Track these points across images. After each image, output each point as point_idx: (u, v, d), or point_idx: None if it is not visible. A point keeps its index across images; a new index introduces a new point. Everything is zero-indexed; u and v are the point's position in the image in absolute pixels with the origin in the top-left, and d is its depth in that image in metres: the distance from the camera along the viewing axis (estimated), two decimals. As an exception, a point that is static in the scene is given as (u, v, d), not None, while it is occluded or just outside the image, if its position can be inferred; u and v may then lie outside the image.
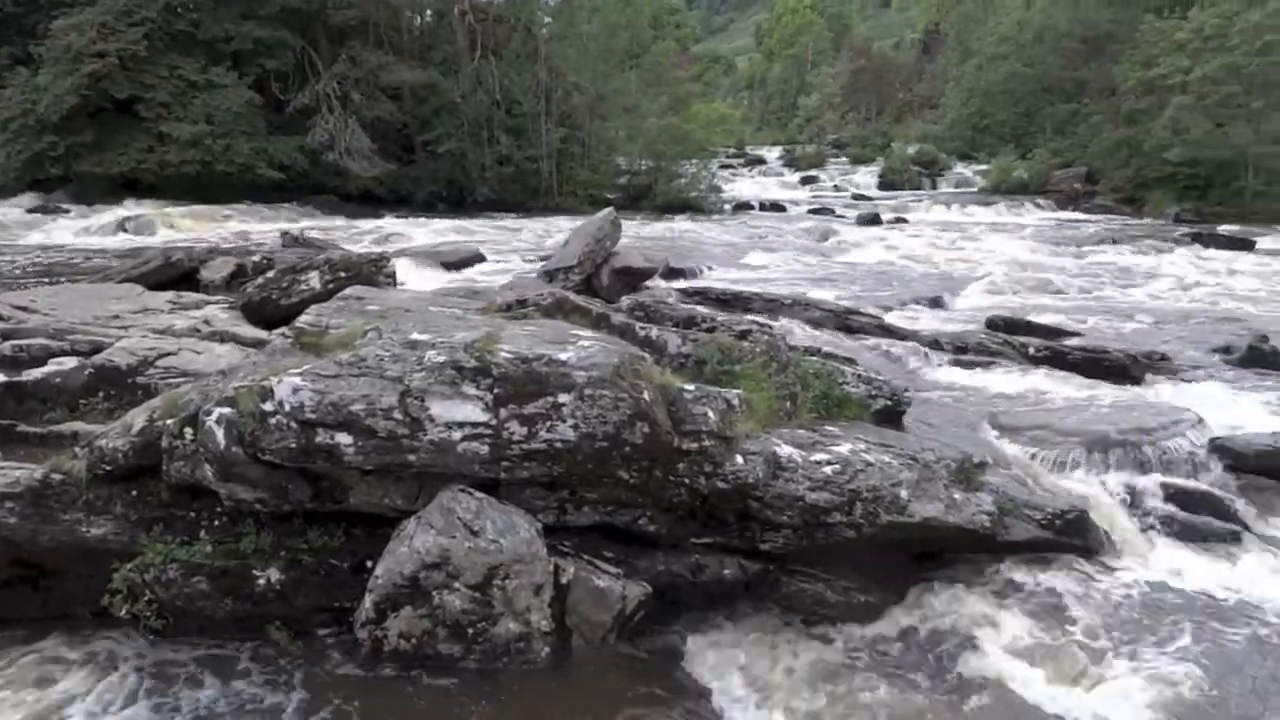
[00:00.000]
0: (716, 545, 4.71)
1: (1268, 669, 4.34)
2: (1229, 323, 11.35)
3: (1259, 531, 5.60)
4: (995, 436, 6.47)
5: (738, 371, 5.63)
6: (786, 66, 68.22)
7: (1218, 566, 5.24)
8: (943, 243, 19.58)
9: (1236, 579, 5.14)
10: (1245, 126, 26.59)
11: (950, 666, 4.43)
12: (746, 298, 10.25)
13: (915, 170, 37.87)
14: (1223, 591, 5.02)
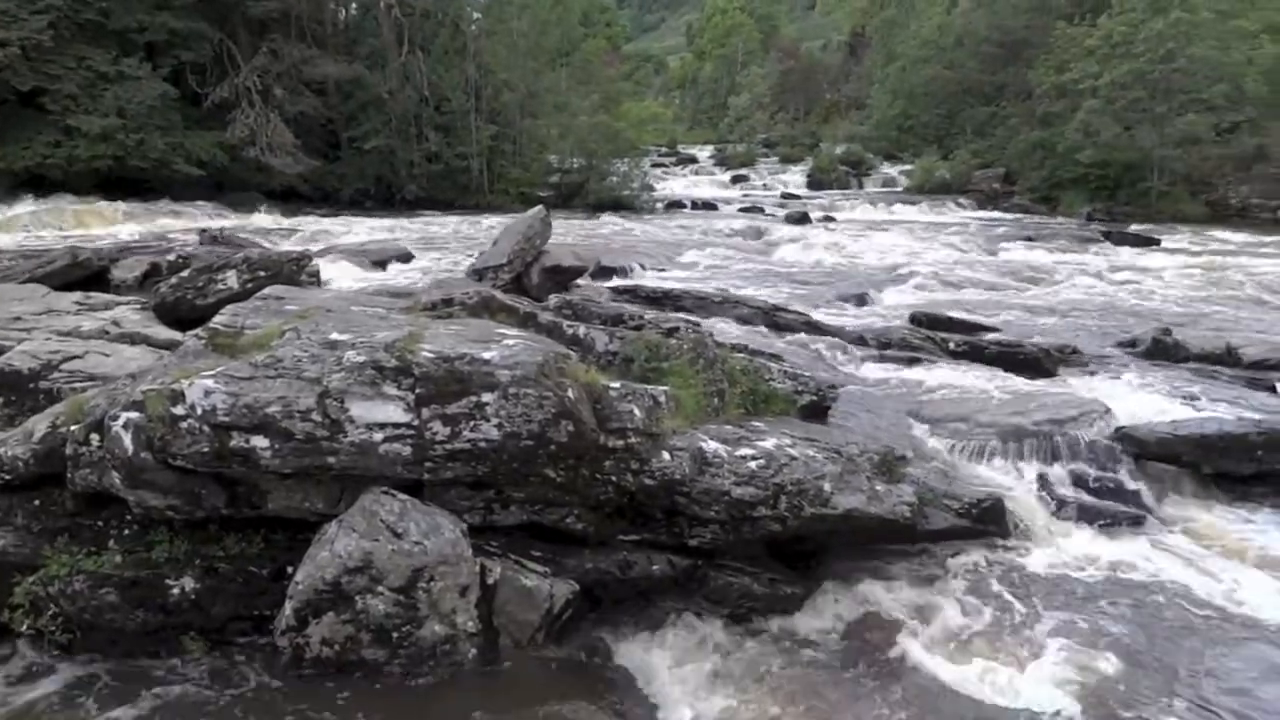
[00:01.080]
0: (645, 542, 4.74)
1: (1170, 643, 4.56)
2: (1135, 317, 11.87)
3: (1160, 514, 5.88)
4: (917, 429, 6.64)
5: (665, 368, 5.67)
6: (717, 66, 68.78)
7: (1123, 548, 5.48)
8: (869, 241, 20.00)
9: (1140, 560, 5.38)
10: (1150, 130, 27.85)
11: (872, 653, 4.54)
12: (676, 295, 10.30)
13: (843, 170, 38.58)
14: (1128, 572, 5.26)
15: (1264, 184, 27.72)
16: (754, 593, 4.82)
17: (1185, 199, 27.84)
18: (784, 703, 4.17)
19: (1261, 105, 28.45)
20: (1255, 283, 15.12)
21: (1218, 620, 4.79)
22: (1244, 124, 28.40)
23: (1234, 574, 5.26)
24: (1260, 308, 13.24)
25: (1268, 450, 6.04)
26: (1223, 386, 8.26)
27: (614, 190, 29.99)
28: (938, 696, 4.14)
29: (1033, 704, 4.07)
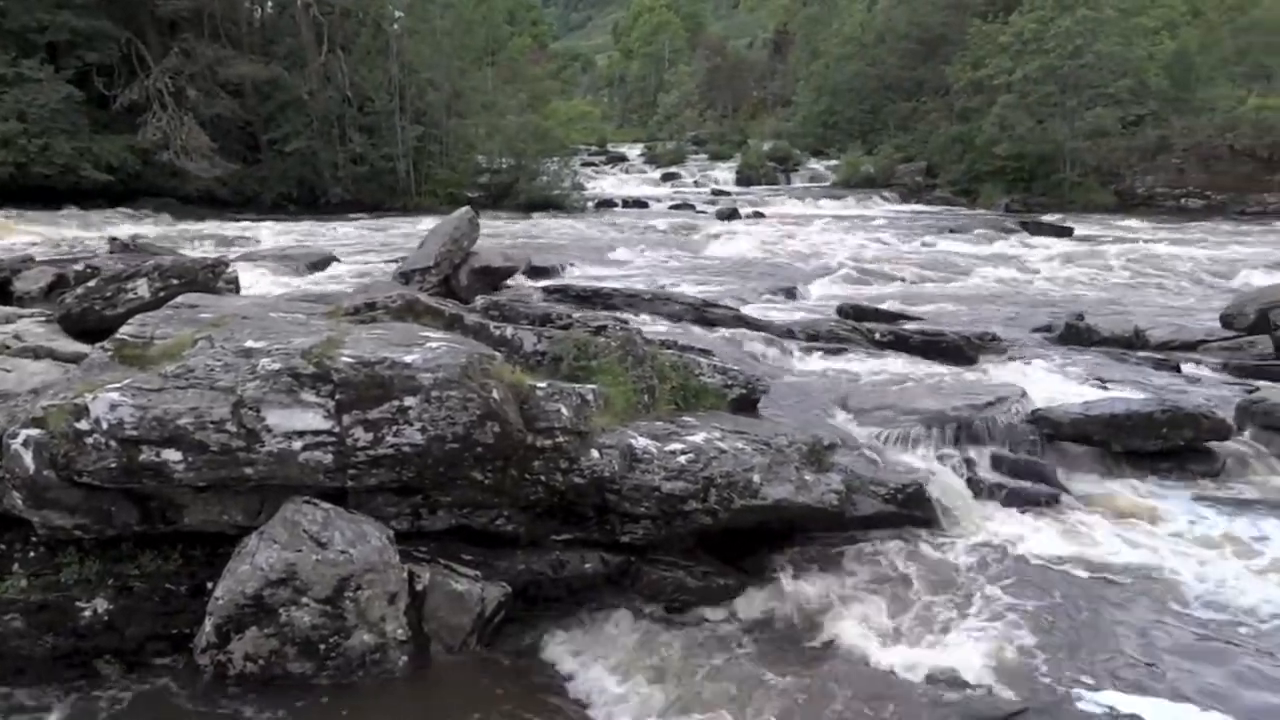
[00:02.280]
0: (577, 540, 4.73)
1: (1087, 618, 4.73)
2: (1050, 304, 12.33)
3: (1075, 492, 6.11)
4: (845, 418, 6.76)
5: (594, 367, 5.67)
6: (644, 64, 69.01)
7: (1041, 526, 5.67)
8: (797, 235, 20.33)
9: (1058, 537, 5.57)
10: (1061, 123, 28.97)
11: (804, 640, 4.61)
12: (607, 294, 10.29)
13: (771, 166, 39.13)
14: (1047, 550, 5.42)
15: (1167, 174, 29.09)
16: (688, 586, 4.85)
17: (1096, 189, 29.04)
18: (718, 694, 4.21)
19: (1163, 99, 29.86)
20: (1160, 268, 15.85)
21: (1131, 590, 5.00)
22: (1147, 117, 29.78)
23: (1144, 545, 5.49)
24: (1165, 292, 13.88)
25: (1171, 427, 6.32)
26: (1131, 368, 8.63)
27: (544, 190, 29.85)
28: (868, 680, 4.23)
29: (959, 679, 4.18)
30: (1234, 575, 5.13)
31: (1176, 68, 30.19)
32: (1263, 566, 5.24)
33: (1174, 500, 6.08)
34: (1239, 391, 7.60)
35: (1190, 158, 28.70)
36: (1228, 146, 28.01)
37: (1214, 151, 28.24)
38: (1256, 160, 27.68)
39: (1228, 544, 5.52)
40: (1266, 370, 8.59)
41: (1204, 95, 30.27)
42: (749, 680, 4.21)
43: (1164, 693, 4.05)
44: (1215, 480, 6.32)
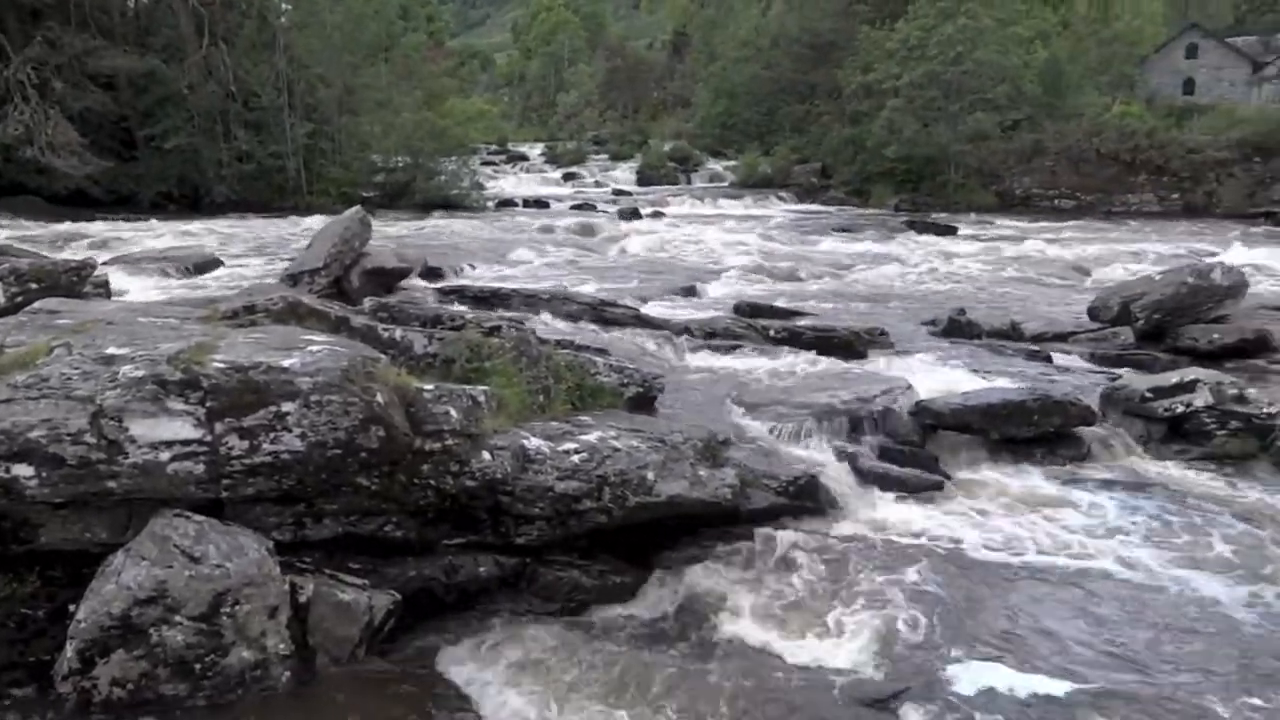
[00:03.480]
0: (471, 544, 4.66)
1: (967, 598, 4.94)
2: (935, 299, 12.84)
3: (956, 479, 6.39)
4: (740, 414, 6.88)
5: (488, 368, 5.60)
6: (544, 64, 68.60)
7: (925, 513, 5.90)
8: (697, 234, 20.57)
9: (941, 522, 5.82)
10: (945, 127, 30.24)
11: (700, 633, 4.67)
12: (505, 294, 10.19)
13: (672, 166, 39.49)
14: (931, 535, 5.66)
15: (1042, 175, 30.74)
16: (584, 585, 4.84)
17: (978, 190, 30.44)
18: (615, 691, 4.21)
19: (1037, 105, 31.55)
20: (1035, 264, 16.75)
21: (1007, 569, 5.26)
22: (1023, 122, 31.39)
23: (1019, 527, 5.79)
24: (1039, 286, 14.66)
25: (1042, 415, 6.68)
26: (1008, 359, 9.09)
27: (443, 189, 29.28)
28: (759, 669, 4.31)
29: (848, 664, 4.31)
30: (1100, 552, 5.46)
31: (1048, 75, 31.97)
32: (1125, 542, 5.60)
33: (1046, 483, 6.44)
34: (1103, 380, 8.09)
35: (1062, 161, 30.43)
36: (1095, 150, 29.82)
37: (1083, 155, 30.01)
38: (1120, 163, 29.56)
39: (1094, 523, 5.87)
40: (1128, 359, 9.19)
41: (1074, 102, 32.15)
42: (643, 676, 4.24)
43: (1035, 666, 4.28)
44: (1082, 463, 6.72)
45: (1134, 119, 30.62)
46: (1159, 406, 6.99)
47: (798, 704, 3.99)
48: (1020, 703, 4.02)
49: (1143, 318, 9.89)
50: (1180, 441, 6.96)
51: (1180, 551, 5.43)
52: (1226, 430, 6.83)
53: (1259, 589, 4.99)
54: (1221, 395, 6.92)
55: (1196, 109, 32.95)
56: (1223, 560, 5.32)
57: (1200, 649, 4.40)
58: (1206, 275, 9.98)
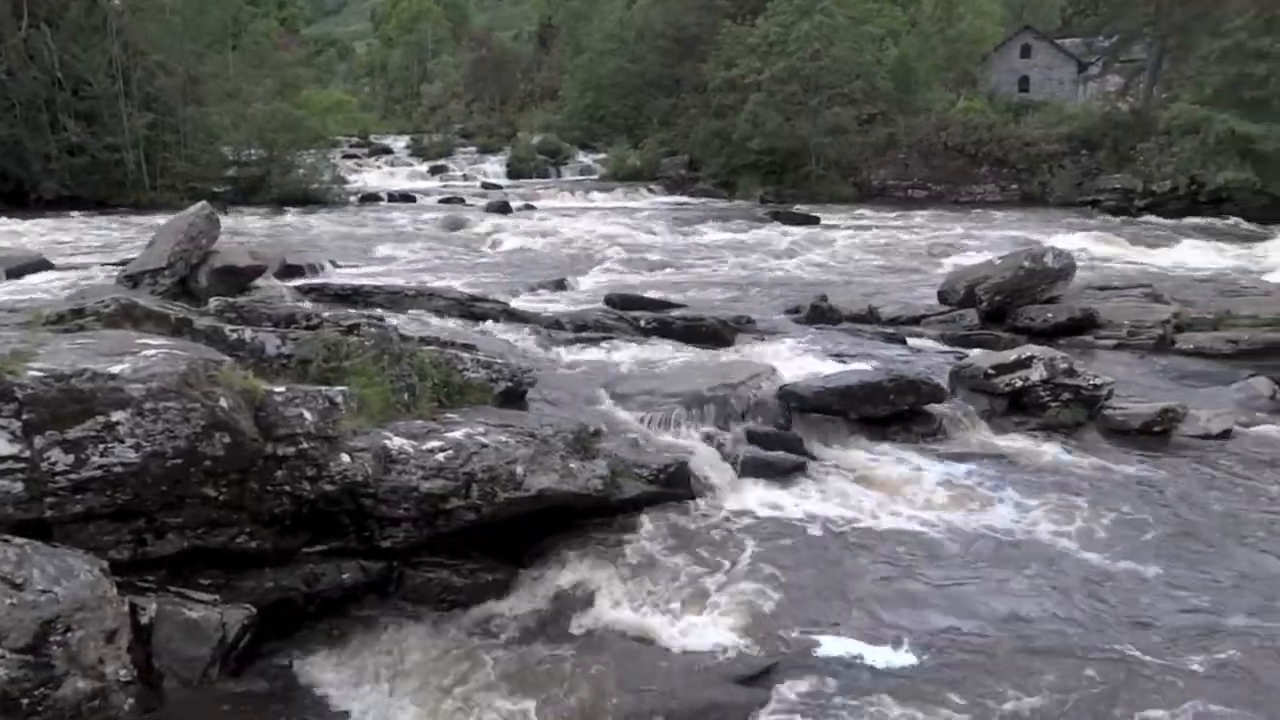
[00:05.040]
0: (333, 551, 4.49)
1: (831, 573, 5.14)
2: (799, 287, 13.29)
3: (820, 459, 6.63)
4: (611, 404, 6.90)
5: (347, 368, 5.40)
6: (406, 53, 66.55)
7: (791, 493, 6.09)
8: (568, 227, 20.51)
9: (806, 501, 6.02)
10: (806, 120, 31.31)
11: (576, 624, 4.66)
12: (368, 291, 9.83)
13: (541, 159, 39.18)
14: (796, 514, 5.84)
15: (896, 167, 32.36)
16: (455, 585, 4.76)
17: (838, 181, 31.71)
18: (490, 689, 4.16)
19: (890, 100, 33.13)
20: (891, 251, 17.60)
21: (870, 543, 5.49)
22: (878, 116, 32.89)
23: (879, 502, 6.06)
24: (895, 273, 15.41)
25: (897, 394, 7.02)
26: (866, 342, 9.50)
27: (301, 183, 27.99)
28: (633, 655, 4.34)
29: (721, 643, 4.41)
30: (952, 521, 5.79)
31: (899, 72, 33.62)
32: (975, 511, 5.96)
33: (902, 459, 6.76)
34: (952, 359, 8.58)
35: (914, 153, 32.11)
36: (943, 144, 31.60)
37: (932, 148, 31.76)
38: (965, 156, 31.46)
39: (945, 495, 6.22)
40: (974, 339, 9.78)
41: (923, 97, 33.94)
42: (519, 671, 4.20)
43: (897, 633, 4.49)
44: (934, 438, 7.10)
45: (977, 114, 32.62)
46: (1000, 382, 7.47)
47: (673, 686, 4.05)
48: (884, 669, 4.21)
49: (986, 300, 10.56)
50: (1020, 414, 7.46)
51: (1023, 517, 5.82)
52: (1059, 402, 7.38)
53: (1092, 547, 5.42)
54: (1054, 370, 7.46)
55: (1031, 105, 35.40)
56: (1061, 523, 5.73)
57: (1048, 607, 4.73)
58: (1040, 259, 10.75)
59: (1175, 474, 6.51)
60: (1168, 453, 6.92)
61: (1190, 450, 6.94)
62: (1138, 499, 6.07)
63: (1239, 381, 8.42)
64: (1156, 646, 4.35)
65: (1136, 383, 8.49)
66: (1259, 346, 9.54)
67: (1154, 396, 7.86)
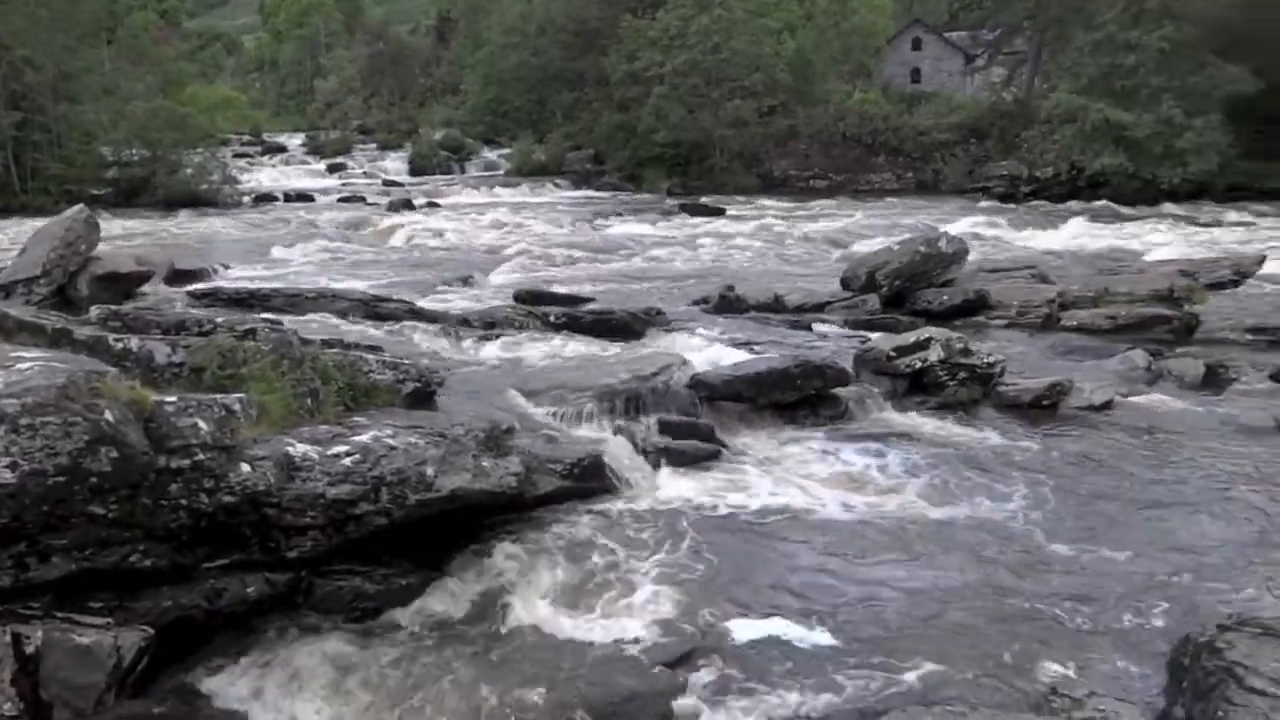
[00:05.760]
0: (235, 564, 4.32)
1: (744, 557, 5.24)
2: (707, 277, 13.46)
3: (731, 446, 6.73)
4: (523, 401, 6.86)
5: (244, 374, 5.19)
6: (298, 48, 64.23)
7: (705, 481, 6.17)
8: (473, 224, 20.24)
9: (719, 488, 6.10)
10: (709, 113, 31.69)
11: (493, 624, 4.62)
12: (265, 295, 9.50)
13: (444, 155, 38.47)
14: (709, 501, 5.93)
15: (797, 158, 33.07)
16: (368, 592, 4.64)
17: (742, 172, 32.20)
18: (407, 694, 4.08)
19: (789, 92, 33.80)
20: (795, 240, 18.00)
21: (782, 526, 5.62)
22: (779, 108, 33.53)
23: (789, 485, 6.20)
24: (799, 261, 15.78)
25: (804, 379, 7.19)
26: (773, 330, 9.71)
27: (189, 184, 26.74)
28: (550, 651, 4.33)
29: (639, 633, 4.44)
30: (859, 501, 5.97)
31: (797, 64, 34.33)
32: (881, 489, 6.16)
33: (811, 442, 6.94)
34: (855, 343, 8.84)
35: (814, 144, 32.87)
36: (841, 134, 32.46)
37: (831, 138, 32.59)
38: (863, 146, 32.39)
39: (853, 475, 6.41)
40: (876, 323, 10.10)
41: (820, 89, 34.75)
42: (435, 675, 4.14)
43: (810, 613, 4.60)
44: (841, 420, 7.30)
45: (873, 105, 33.60)
46: (901, 364, 7.74)
47: (593, 679, 4.05)
48: (798, 648, 4.30)
49: (886, 285, 10.91)
50: (920, 393, 7.75)
51: (927, 493, 6.05)
52: (956, 380, 7.69)
53: (991, 518, 5.67)
54: (951, 350, 7.77)
55: (923, 96, 36.67)
56: (962, 496, 5.98)
57: (952, 578, 4.92)
58: (935, 245, 11.17)
59: (1064, 445, 6.87)
60: (1057, 424, 7.30)
61: (1077, 421, 7.34)
62: (1031, 470, 6.38)
63: (1118, 355, 8.94)
64: (1051, 607, 4.60)
65: (1026, 359, 8.92)
66: (1135, 321, 10.16)
67: (1042, 372, 8.27)
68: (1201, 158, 24.80)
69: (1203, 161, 24.83)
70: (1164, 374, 8.51)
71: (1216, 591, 4.74)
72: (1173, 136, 24.88)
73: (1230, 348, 9.56)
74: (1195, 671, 3.33)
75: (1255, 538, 5.39)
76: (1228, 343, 9.77)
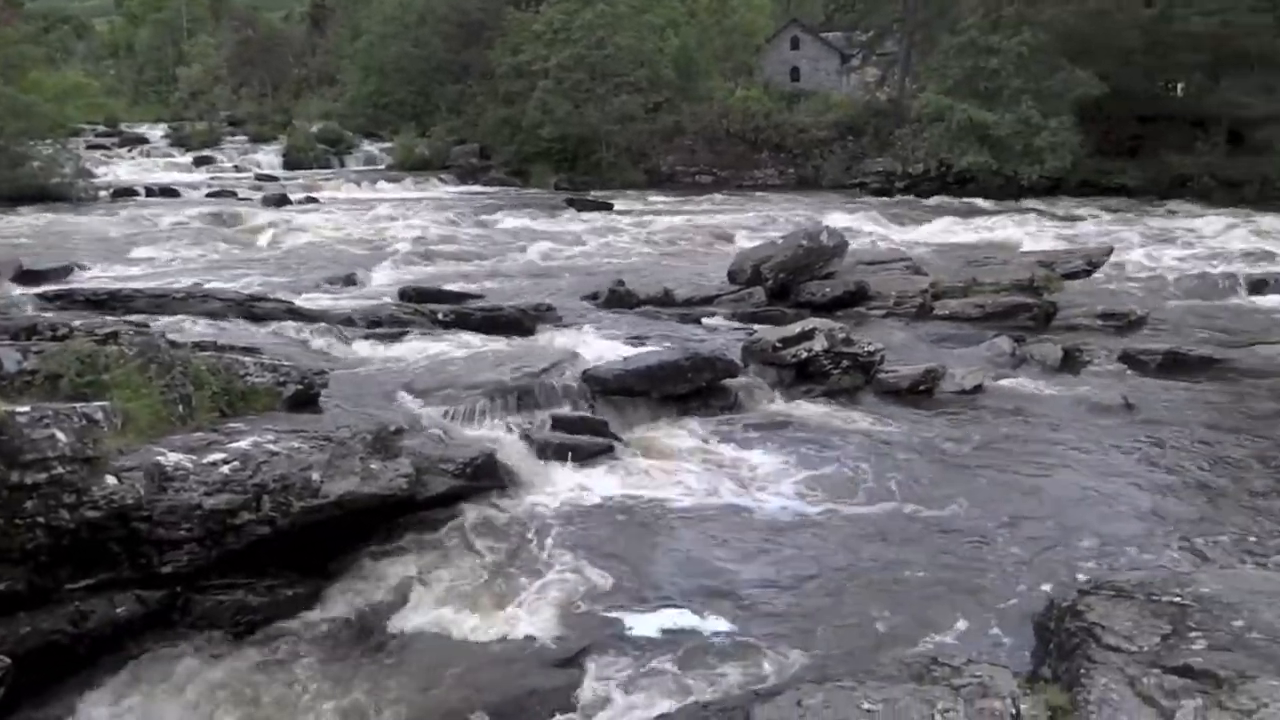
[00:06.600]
0: (104, 584, 4.06)
1: (641, 551, 5.28)
2: (597, 272, 13.48)
3: (626, 440, 6.77)
4: (412, 401, 6.69)
5: (107, 380, 4.87)
6: (156, 32, 60.31)
7: (599, 476, 6.19)
8: (355, 220, 19.59)
9: (614, 483, 6.13)
10: (595, 108, 31.64)
11: (386, 630, 4.51)
12: (128, 296, 8.94)
13: (322, 148, 36.95)
14: (605, 496, 5.94)
15: (683, 154, 33.48)
16: (251, 605, 4.45)
17: (629, 168, 32.34)
18: (292, 709, 3.94)
19: (674, 88, 34.16)
20: (683, 235, 18.24)
21: (678, 517, 5.69)
22: (664, 104, 33.83)
23: (684, 476, 6.29)
24: (687, 256, 16.00)
25: (694, 372, 7.31)
26: (663, 323, 9.82)
27: (36, 178, 24.70)
28: (451, 651, 4.27)
29: (535, 632, 4.42)
30: (749, 489, 6.12)
31: (681, 61, 34.72)
32: (770, 477, 6.31)
33: (703, 433, 7.06)
34: (743, 335, 9.05)
35: (699, 140, 33.35)
36: (725, 130, 33.05)
37: (716, 134, 33.13)
38: (746, 142, 33.08)
39: (744, 464, 6.55)
40: (762, 316, 10.37)
41: (704, 86, 35.28)
42: (323, 687, 4.02)
43: (705, 603, 4.69)
44: (731, 411, 7.46)
45: (755, 102, 34.35)
46: (787, 354, 7.98)
47: (487, 680, 4.02)
48: (695, 637, 4.37)
49: (771, 278, 11.20)
50: (806, 382, 8.01)
51: (815, 479, 6.25)
52: (840, 369, 7.98)
53: (876, 500, 5.92)
54: (834, 340, 8.06)
55: (802, 94, 37.77)
56: (848, 480, 6.21)
57: (839, 561, 5.11)
58: (816, 238, 11.54)
59: (939, 427, 7.25)
60: (932, 408, 7.69)
61: (950, 405, 7.75)
62: (911, 452, 6.71)
63: (986, 341, 9.49)
64: (931, 580, 4.85)
65: (904, 347, 9.34)
66: (1001, 309, 10.79)
67: (919, 359, 8.69)
68: (1056, 156, 26.52)
69: (1057, 159, 26.57)
70: (1027, 358, 9.08)
71: (1077, 558, 5.10)
72: (1031, 135, 26.50)
73: (1085, 333, 10.29)
74: (1059, 634, 3.57)
75: (1108, 507, 5.83)
76: (1082, 328, 10.51)
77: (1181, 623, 3.35)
